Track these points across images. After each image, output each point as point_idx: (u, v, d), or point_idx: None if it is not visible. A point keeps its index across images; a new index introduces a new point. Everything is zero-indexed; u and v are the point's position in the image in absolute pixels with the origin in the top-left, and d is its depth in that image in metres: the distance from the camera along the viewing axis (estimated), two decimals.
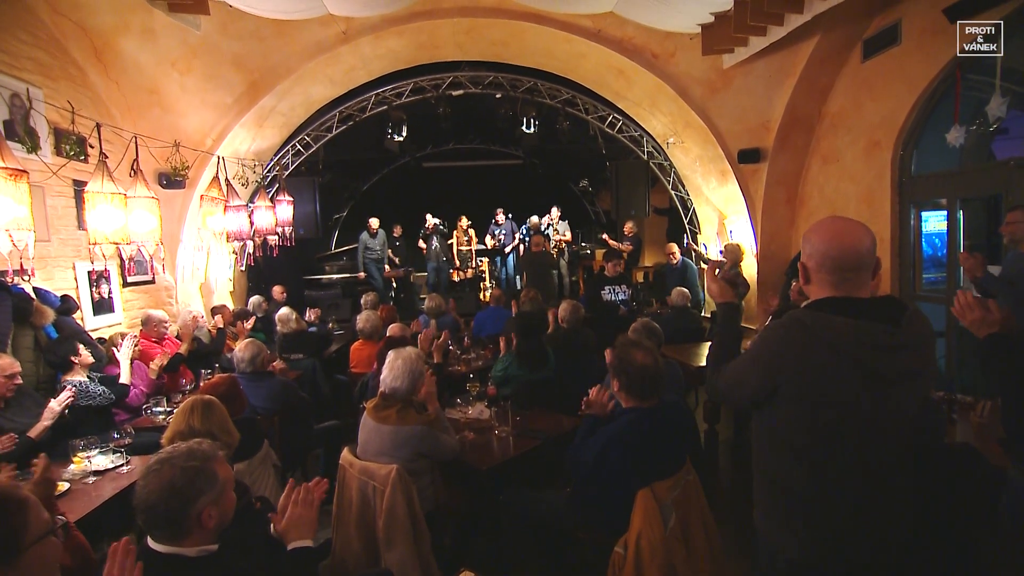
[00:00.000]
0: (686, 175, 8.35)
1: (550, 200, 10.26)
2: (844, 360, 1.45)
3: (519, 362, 3.97)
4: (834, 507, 1.52)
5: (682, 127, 7.48)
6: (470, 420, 3.45)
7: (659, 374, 2.40)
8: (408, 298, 9.98)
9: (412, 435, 2.66)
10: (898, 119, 5.37)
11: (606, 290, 5.73)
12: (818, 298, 1.58)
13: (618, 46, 6.65)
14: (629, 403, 2.43)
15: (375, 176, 12.67)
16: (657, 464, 2.34)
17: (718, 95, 6.82)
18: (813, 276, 1.60)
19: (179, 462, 1.55)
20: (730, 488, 4.13)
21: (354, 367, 4.98)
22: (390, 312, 5.85)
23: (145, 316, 4.97)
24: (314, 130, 8.02)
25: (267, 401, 3.72)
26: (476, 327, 6.24)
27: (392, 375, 2.79)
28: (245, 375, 3.74)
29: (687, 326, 5.77)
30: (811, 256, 1.58)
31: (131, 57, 5.37)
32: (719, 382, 1.72)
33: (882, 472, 1.51)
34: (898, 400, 1.49)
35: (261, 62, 6.22)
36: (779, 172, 6.95)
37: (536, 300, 5.94)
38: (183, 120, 6.13)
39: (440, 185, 12.42)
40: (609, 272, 5.86)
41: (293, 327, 5.45)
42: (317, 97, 7.40)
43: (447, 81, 7.96)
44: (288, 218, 6.63)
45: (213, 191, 5.78)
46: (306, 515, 1.81)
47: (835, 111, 6.33)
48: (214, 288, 7.29)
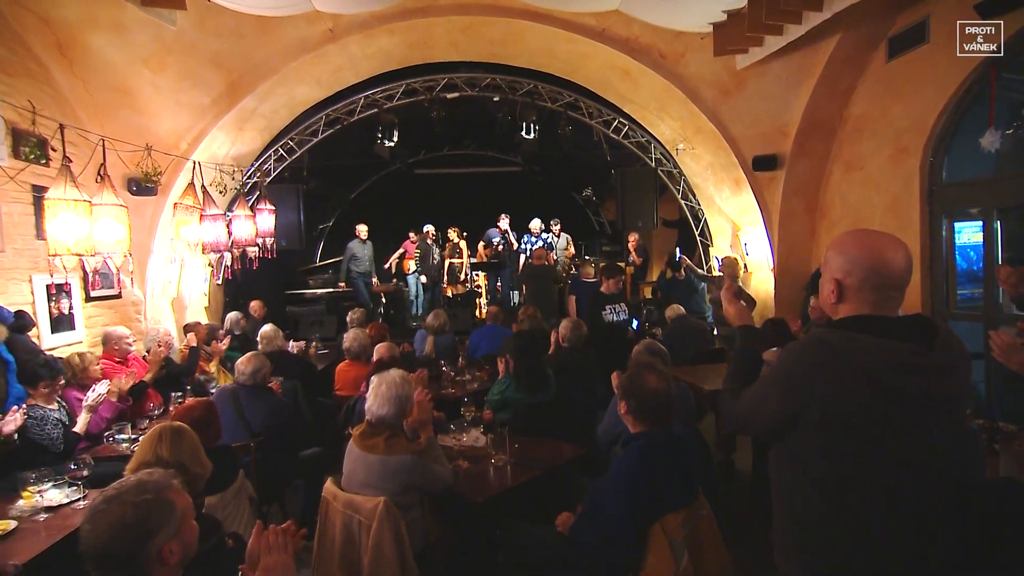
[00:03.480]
0: (697, 184, 8.40)
1: (550, 210, 10.31)
2: (873, 384, 1.44)
3: (517, 385, 3.96)
4: (862, 547, 1.49)
5: (692, 132, 7.54)
6: (464, 448, 3.43)
7: (671, 400, 2.44)
8: (399, 315, 9.97)
9: (402, 465, 2.64)
10: (927, 122, 5.40)
11: (607, 310, 5.64)
12: (845, 316, 1.57)
13: (624, 46, 6.72)
14: (637, 427, 2.46)
15: (364, 183, 12.73)
16: (667, 495, 2.32)
17: (731, 98, 6.88)
18: (851, 294, 1.57)
19: (129, 497, 1.50)
20: (748, 524, 4.07)
21: (339, 389, 4.96)
22: (379, 330, 5.82)
23: (103, 335, 4.87)
24: (298, 134, 8.07)
25: (265, 418, 3.79)
26: (471, 347, 6.22)
27: (377, 402, 2.79)
28: (245, 388, 3.87)
29: (690, 344, 5.78)
30: (850, 272, 1.56)
31: (99, 53, 5.37)
32: (735, 409, 1.72)
33: (916, 509, 1.48)
34: (933, 428, 1.47)
35: (241, 61, 6.27)
36: (797, 180, 7.00)
37: (535, 318, 5.90)
38: (155, 122, 6.15)
39: (433, 194, 12.48)
40: (608, 289, 5.79)
41: (277, 346, 5.42)
42: (302, 99, 7.46)
43: (441, 83, 8.05)
44: (269, 228, 6.64)
45: (188, 199, 5.79)
46: (280, 563, 1.67)
47: (858, 115, 6.38)
48: (187, 304, 7.27)
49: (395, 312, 10.03)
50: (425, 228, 9.87)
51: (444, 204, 11.89)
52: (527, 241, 9.77)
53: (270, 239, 6.61)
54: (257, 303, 7.47)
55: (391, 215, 11.60)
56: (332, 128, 8.11)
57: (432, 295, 9.82)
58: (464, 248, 10.18)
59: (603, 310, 5.62)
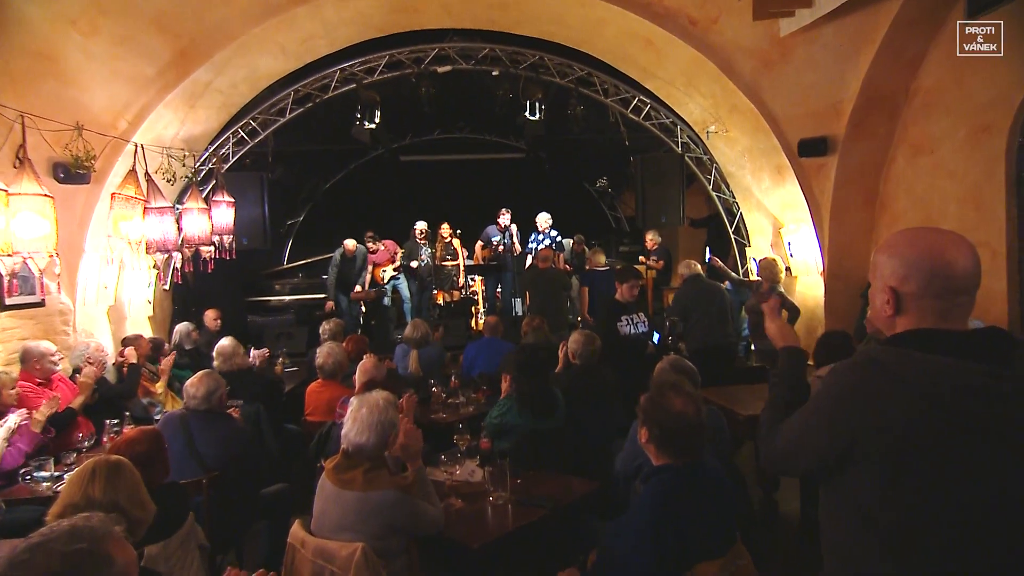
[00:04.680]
0: (731, 172, 8.44)
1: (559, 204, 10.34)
2: (937, 412, 1.44)
3: (520, 408, 3.97)
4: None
5: (726, 112, 7.58)
6: (458, 483, 3.44)
7: (700, 426, 2.44)
8: (381, 326, 10.02)
9: (384, 503, 2.64)
10: (1015, 97, 5.36)
11: (623, 321, 5.63)
12: (903, 330, 1.56)
13: (646, 10, 6.77)
14: (660, 459, 2.45)
15: (340, 172, 12.78)
16: (697, 541, 2.32)
17: (773, 71, 6.92)
18: (910, 304, 1.56)
19: (59, 546, 1.44)
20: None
21: (310, 414, 4.96)
22: (358, 344, 5.84)
23: (22, 352, 4.81)
24: (262, 113, 8.12)
25: (220, 449, 3.77)
26: (466, 363, 6.22)
27: (356, 428, 2.79)
28: (196, 414, 3.84)
29: (708, 311, 5.87)
30: (907, 277, 1.55)
31: (14, 11, 5.11)
32: (772, 446, 1.72)
33: (994, 562, 1.47)
34: (1012, 466, 1.46)
35: (193, 25, 6.31)
36: (853, 167, 7.02)
37: (542, 330, 5.92)
38: (88, 96, 6.09)
39: (422, 184, 12.51)
40: (624, 297, 5.75)
41: (237, 364, 5.43)
42: (266, 71, 7.51)
43: (431, 54, 8.09)
44: (228, 224, 6.66)
45: (129, 188, 5.81)
46: None
47: (928, 88, 6.39)
48: (127, 313, 7.30)
49: (377, 323, 10.07)
50: (417, 224, 9.90)
51: (435, 197, 11.90)
52: (533, 239, 9.79)
53: (228, 237, 6.64)
54: (212, 312, 7.48)
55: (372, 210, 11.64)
56: (302, 107, 8.15)
57: (419, 302, 9.84)
58: (459, 248, 10.20)
59: (619, 321, 5.62)
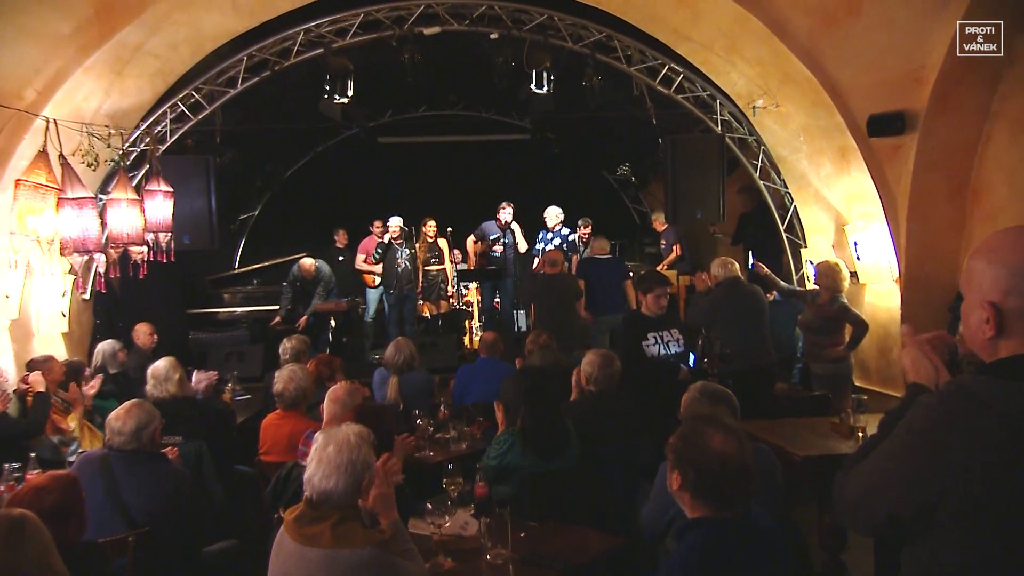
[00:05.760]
0: (783, 157, 8.45)
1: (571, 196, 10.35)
2: None
3: (524, 445, 3.97)
4: None
5: (778, 82, 7.59)
6: (447, 538, 3.41)
7: (746, 469, 2.42)
8: (355, 344, 10.04)
9: (357, 564, 2.64)
10: None
11: (650, 339, 5.63)
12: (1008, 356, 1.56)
13: None
14: (696, 511, 2.44)
15: (304, 157, 12.81)
16: None
17: (837, 31, 6.94)
18: (1017, 323, 1.56)
19: None
20: None
21: (266, 453, 4.95)
22: (328, 366, 5.83)
23: None
24: (208, 83, 8.14)
25: (151, 499, 3.73)
26: (458, 390, 6.22)
27: (321, 470, 2.78)
28: (122, 455, 3.79)
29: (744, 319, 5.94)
30: (1013, 290, 1.55)
31: None
32: (843, 493, 1.72)
33: None
34: None
35: None
36: (938, 148, 7.00)
37: (550, 349, 5.92)
38: None
39: (404, 171, 12.56)
40: (650, 310, 5.75)
41: (175, 391, 5.41)
42: (212, 31, 7.53)
43: (416, 12, 8.11)
44: (165, 219, 6.65)
45: (38, 174, 5.79)
46: None
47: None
48: (35, 329, 7.30)
49: (349, 340, 10.08)
50: (391, 221, 9.92)
51: (419, 186, 11.94)
52: (541, 239, 9.80)
53: (165, 234, 6.62)
54: (144, 327, 7.46)
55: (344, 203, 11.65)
56: (257, 76, 8.18)
57: (399, 315, 9.86)
58: (446, 249, 10.23)
59: (644, 340, 5.62)
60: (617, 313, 8.32)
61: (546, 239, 9.72)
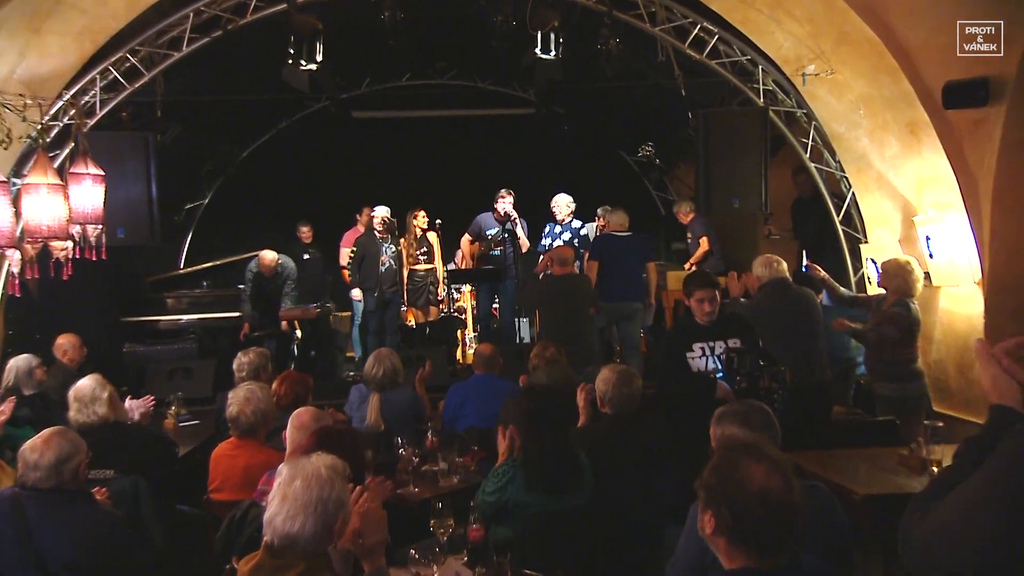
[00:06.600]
0: (839, 134, 8.47)
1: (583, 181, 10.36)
2: None
3: (527, 479, 4.02)
4: None
5: (832, 44, 7.59)
6: None
7: (793, 509, 2.39)
8: (326, 357, 10.09)
9: None
10: None
11: (696, 350, 5.62)
12: None
13: None
14: (734, 560, 2.42)
15: (264, 134, 12.88)
16: None
17: None
18: None
19: None
20: None
21: (216, 490, 4.96)
22: (294, 386, 5.81)
23: None
24: (146, 45, 8.13)
25: (73, 544, 3.73)
26: (449, 413, 6.29)
27: (284, 510, 2.77)
28: (38, 493, 3.77)
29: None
30: None
31: None
32: (921, 531, 1.75)
33: None
34: None
35: None
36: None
37: (559, 364, 5.95)
38: None
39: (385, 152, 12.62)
40: (702, 316, 5.71)
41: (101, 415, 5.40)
42: None
43: None
44: (94, 208, 6.62)
45: None
46: None
47: None
48: None
49: (319, 353, 10.11)
50: (376, 211, 9.99)
51: (401, 171, 11.99)
52: (548, 233, 9.80)
53: (95, 227, 6.59)
54: (68, 339, 7.47)
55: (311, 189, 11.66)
56: (207, 36, 8.16)
57: (379, 323, 9.88)
58: (436, 245, 10.28)
59: (689, 350, 5.61)
60: (632, 301, 8.34)
61: (554, 233, 9.75)
